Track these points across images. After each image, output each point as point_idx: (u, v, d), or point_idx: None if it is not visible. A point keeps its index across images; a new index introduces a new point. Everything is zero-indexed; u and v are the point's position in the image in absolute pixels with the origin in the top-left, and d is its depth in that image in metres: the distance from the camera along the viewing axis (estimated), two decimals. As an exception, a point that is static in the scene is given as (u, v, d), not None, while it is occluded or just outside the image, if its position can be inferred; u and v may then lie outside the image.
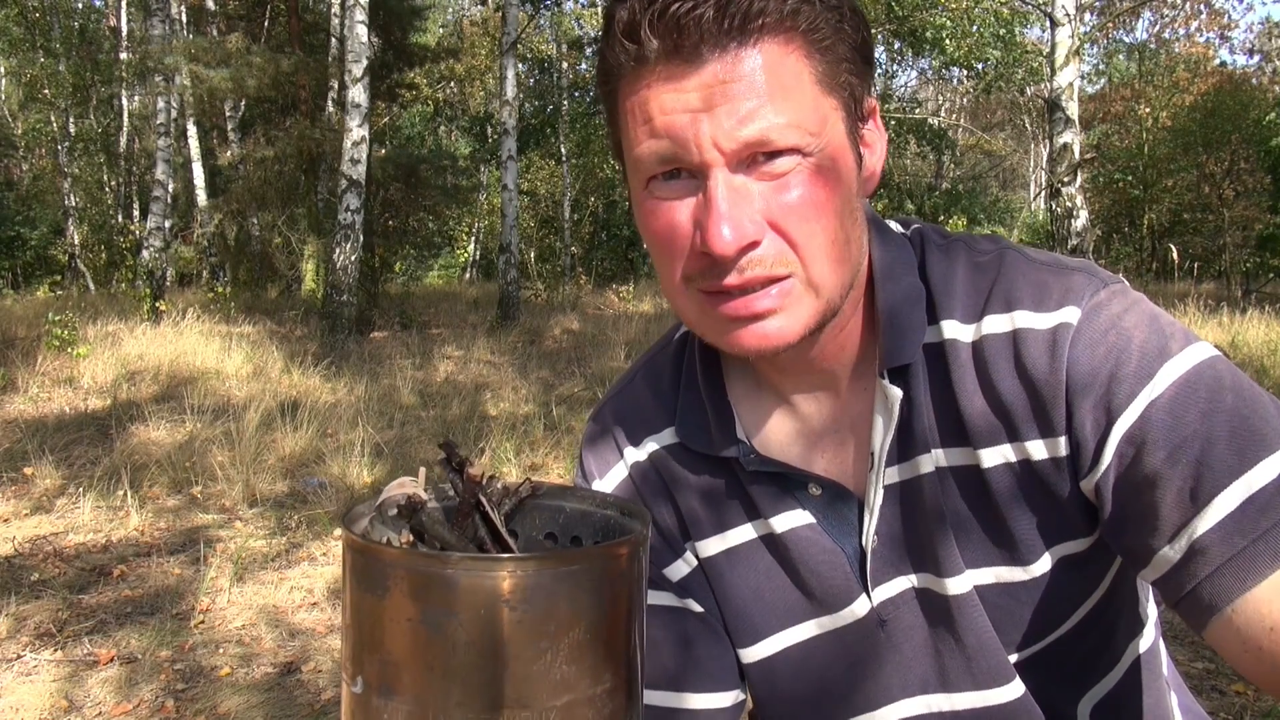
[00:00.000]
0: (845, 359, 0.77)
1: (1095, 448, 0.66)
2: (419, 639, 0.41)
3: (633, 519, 0.53)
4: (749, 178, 0.64)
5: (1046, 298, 0.70)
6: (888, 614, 0.77)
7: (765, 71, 0.62)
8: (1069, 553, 0.72)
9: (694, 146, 0.63)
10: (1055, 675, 0.77)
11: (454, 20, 27.39)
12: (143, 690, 2.68)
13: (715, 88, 0.62)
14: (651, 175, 0.66)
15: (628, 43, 0.64)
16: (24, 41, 18.89)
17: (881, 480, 0.74)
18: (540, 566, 0.41)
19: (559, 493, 0.56)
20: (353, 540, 0.44)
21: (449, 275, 22.93)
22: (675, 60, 0.63)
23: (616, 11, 0.64)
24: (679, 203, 0.66)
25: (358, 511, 0.50)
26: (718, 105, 0.62)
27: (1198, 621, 0.63)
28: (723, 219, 0.63)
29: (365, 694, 0.43)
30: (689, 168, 0.65)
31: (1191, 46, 23.56)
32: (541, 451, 5.20)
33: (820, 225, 0.65)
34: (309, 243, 12.79)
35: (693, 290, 0.68)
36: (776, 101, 0.62)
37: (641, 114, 0.65)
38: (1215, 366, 0.65)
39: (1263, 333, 8.39)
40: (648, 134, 0.65)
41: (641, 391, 0.86)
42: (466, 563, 0.41)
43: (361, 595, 0.43)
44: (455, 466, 0.48)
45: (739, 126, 0.62)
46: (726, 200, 0.63)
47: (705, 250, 0.64)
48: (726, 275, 0.65)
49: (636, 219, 0.71)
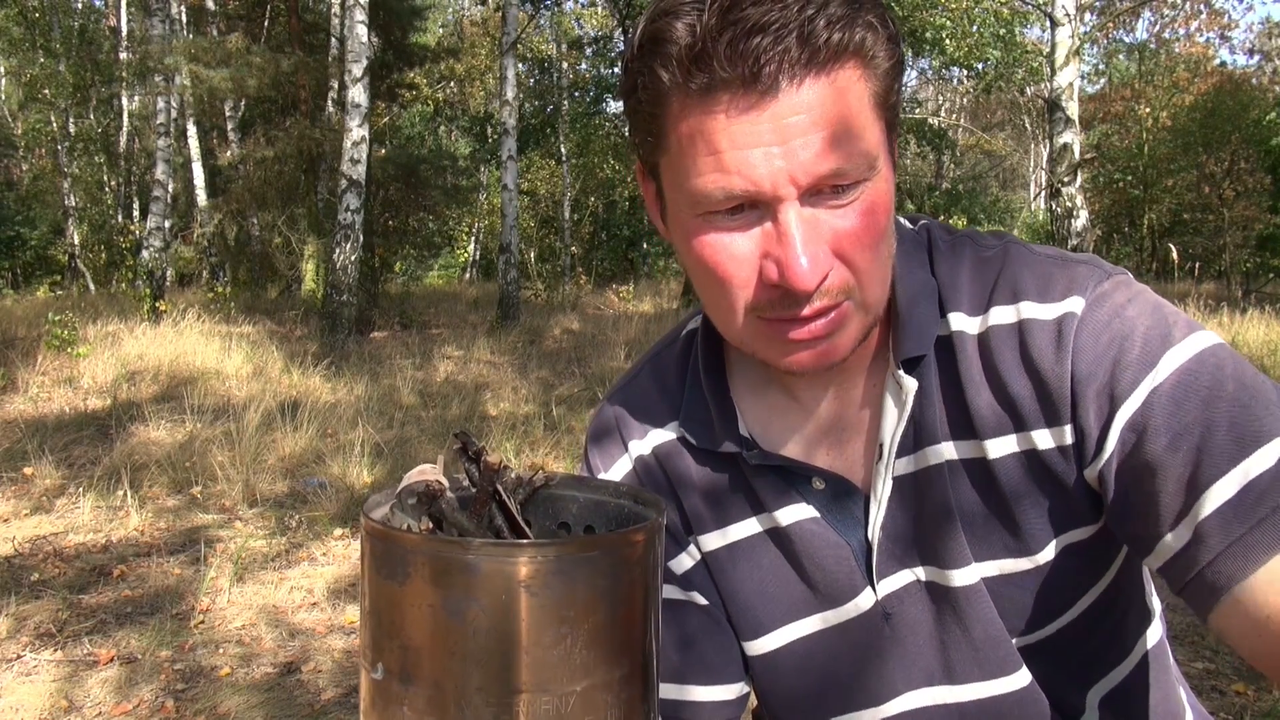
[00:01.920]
0: (858, 356, 0.77)
1: (1099, 435, 0.67)
2: (440, 624, 0.41)
3: (647, 507, 0.53)
4: (817, 209, 0.64)
5: (1051, 288, 0.70)
6: (892, 607, 0.77)
7: (835, 102, 0.62)
8: (1074, 540, 0.73)
9: (768, 184, 0.62)
10: (1063, 665, 0.77)
11: (454, 20, 27.40)
12: (143, 690, 2.68)
13: (789, 120, 0.61)
14: (713, 209, 0.65)
15: (693, 68, 0.61)
16: (24, 41, 18.87)
17: (890, 472, 0.74)
18: (560, 552, 0.41)
19: (572, 483, 0.56)
20: (373, 527, 0.44)
21: (449, 275, 22.93)
22: (750, 92, 0.61)
23: (673, 31, 0.62)
24: (742, 235, 0.65)
25: (376, 500, 0.51)
26: (792, 139, 0.61)
27: (1202, 607, 0.63)
28: (801, 255, 0.62)
29: (386, 680, 0.43)
30: (762, 203, 0.64)
31: (1191, 46, 23.57)
32: (541, 451, 5.20)
33: (874, 251, 0.66)
34: (309, 243, 12.79)
35: (752, 317, 0.68)
36: (847, 134, 0.62)
37: (705, 144, 0.63)
38: (1218, 354, 0.66)
39: (1263, 333, 8.40)
40: (714, 167, 0.63)
41: (647, 386, 0.86)
42: (487, 548, 0.41)
43: (382, 582, 0.43)
44: (472, 456, 0.48)
45: (816, 163, 0.62)
46: (803, 236, 0.63)
47: (782, 284, 0.64)
48: (801, 307, 0.65)
49: (684, 245, 0.69)
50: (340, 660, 2.90)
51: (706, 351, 0.82)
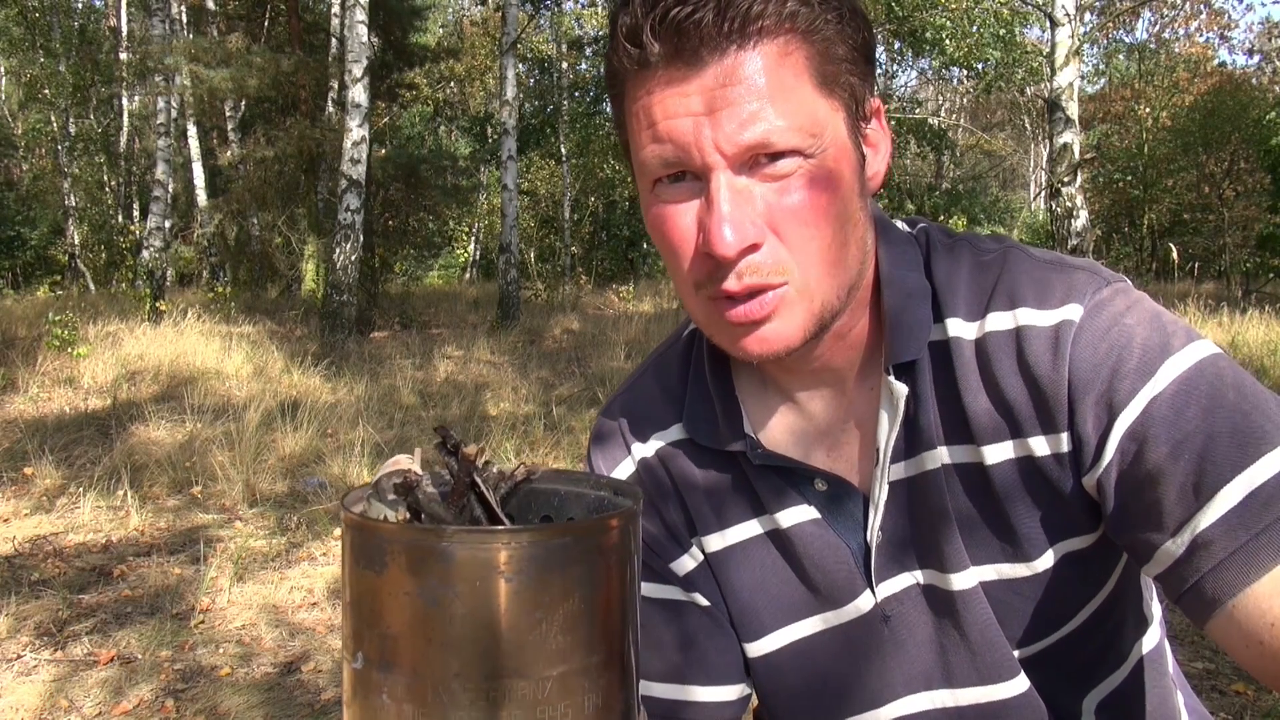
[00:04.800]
0: (851, 358, 0.77)
1: (1097, 444, 0.67)
2: (417, 612, 0.42)
3: (625, 496, 0.54)
4: (751, 179, 0.65)
5: (1049, 295, 0.70)
6: (891, 610, 0.77)
7: (765, 74, 0.63)
8: (1073, 549, 0.73)
9: (696, 150, 0.64)
10: (1060, 672, 0.77)
11: (454, 20, 27.40)
12: (142, 690, 2.69)
13: (716, 91, 0.63)
14: (656, 178, 0.67)
15: (631, 47, 0.64)
16: (24, 41, 18.89)
17: (886, 476, 0.74)
18: (534, 538, 0.42)
19: (554, 477, 0.57)
20: (351, 518, 0.45)
21: (449, 275, 22.93)
22: (677, 64, 0.63)
23: (620, 16, 0.65)
24: (684, 205, 0.67)
25: (355, 494, 0.52)
26: (719, 109, 0.63)
27: (1200, 616, 0.63)
28: (724, 220, 0.63)
29: (365, 669, 0.44)
30: (692, 170, 0.65)
31: (1191, 46, 23.56)
32: (541, 451, 5.21)
33: (817, 230, 0.66)
34: (309, 243, 12.80)
35: (702, 296, 0.69)
36: (777, 103, 0.63)
37: (645, 118, 0.66)
38: (1217, 363, 0.65)
39: (1263, 333, 8.39)
40: (651, 138, 0.66)
41: (651, 388, 0.87)
42: (462, 535, 0.42)
43: (360, 572, 0.44)
44: (450, 449, 0.49)
45: (740, 130, 0.63)
46: (729, 202, 0.64)
47: (708, 251, 0.65)
48: (727, 279, 0.66)
49: (646, 222, 0.72)
50: (340, 660, 2.90)
51: (710, 347, 0.82)
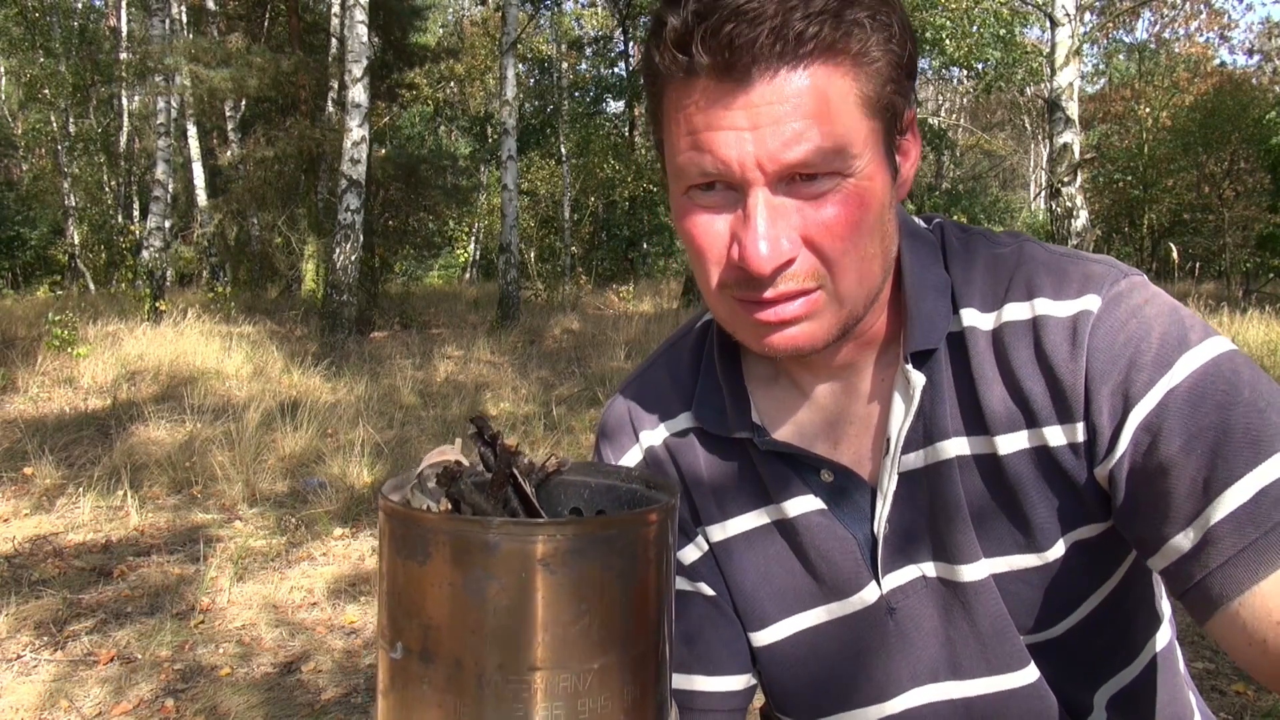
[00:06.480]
0: (867, 353, 0.78)
1: (1111, 434, 0.67)
2: (460, 602, 0.42)
3: (659, 490, 0.53)
4: (788, 197, 0.65)
5: (1067, 286, 0.70)
6: (896, 602, 0.77)
7: (812, 95, 0.63)
8: (1083, 538, 0.73)
9: (737, 165, 0.64)
10: (1071, 664, 0.77)
11: (454, 20, 27.41)
12: (142, 690, 2.68)
13: (761, 108, 0.62)
14: (692, 184, 0.67)
15: (679, 54, 0.64)
16: (24, 41, 18.87)
17: (896, 466, 0.74)
18: (578, 531, 0.42)
19: (584, 468, 0.57)
20: (393, 508, 0.44)
21: (449, 275, 22.94)
22: (725, 79, 0.63)
23: (667, 17, 0.64)
24: (717, 214, 0.67)
25: (393, 482, 0.51)
26: (763, 125, 0.63)
27: (1203, 612, 0.63)
28: (761, 238, 0.64)
29: (405, 659, 0.44)
30: (730, 184, 0.65)
31: (1191, 46, 23.60)
32: (542, 451, 5.20)
33: (853, 244, 0.67)
34: (309, 243, 12.80)
35: (726, 295, 0.70)
36: (822, 125, 0.63)
37: (686, 125, 0.66)
38: (1234, 360, 0.65)
39: (1263, 333, 8.40)
40: (690, 145, 0.65)
41: (660, 378, 0.87)
42: (508, 527, 0.41)
43: (401, 562, 0.44)
44: (488, 440, 0.48)
45: (783, 149, 0.63)
46: (765, 219, 0.64)
47: (742, 265, 0.65)
48: (762, 289, 0.66)
49: (674, 217, 0.72)
50: (340, 659, 2.90)
51: (722, 339, 0.82)
